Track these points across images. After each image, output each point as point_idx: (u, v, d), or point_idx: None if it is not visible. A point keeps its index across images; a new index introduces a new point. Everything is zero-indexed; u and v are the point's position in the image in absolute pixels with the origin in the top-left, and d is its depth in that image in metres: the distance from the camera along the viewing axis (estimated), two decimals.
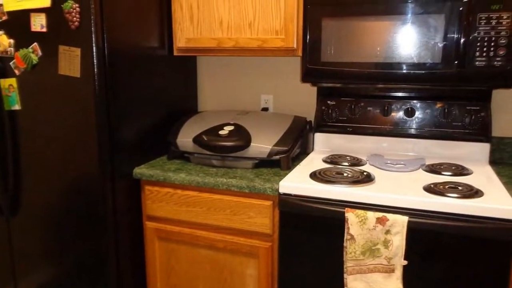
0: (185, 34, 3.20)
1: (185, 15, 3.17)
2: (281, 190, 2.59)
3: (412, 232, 2.29)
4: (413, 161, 2.96)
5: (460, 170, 2.77)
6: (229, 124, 3.09)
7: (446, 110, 3.02)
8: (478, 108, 2.97)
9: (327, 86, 3.28)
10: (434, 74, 2.61)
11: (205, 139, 2.95)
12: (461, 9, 2.51)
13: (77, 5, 2.58)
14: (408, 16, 2.60)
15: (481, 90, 2.99)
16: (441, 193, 2.34)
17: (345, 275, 2.43)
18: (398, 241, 2.28)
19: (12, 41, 2.84)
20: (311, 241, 2.56)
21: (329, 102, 3.28)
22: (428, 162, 2.97)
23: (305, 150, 3.34)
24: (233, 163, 2.98)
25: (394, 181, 2.58)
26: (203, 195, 2.83)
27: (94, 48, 2.62)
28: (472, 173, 2.76)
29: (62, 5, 2.62)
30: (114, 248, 2.90)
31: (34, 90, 2.84)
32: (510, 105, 3.07)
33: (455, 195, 2.31)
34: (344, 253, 2.41)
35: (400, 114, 3.13)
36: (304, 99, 3.54)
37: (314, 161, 3.04)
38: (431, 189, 2.42)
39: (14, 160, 3.02)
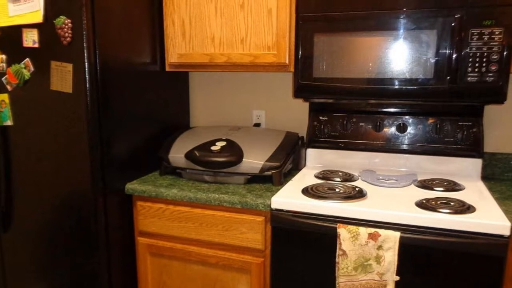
0: (177, 50, 3.20)
1: (177, 31, 3.18)
2: (273, 206, 2.59)
3: (404, 248, 2.29)
4: (405, 177, 2.96)
5: (452, 186, 2.78)
6: (221, 139, 3.09)
7: (438, 126, 3.02)
8: (470, 123, 2.98)
9: (319, 102, 3.29)
10: (426, 89, 2.62)
11: (197, 154, 2.95)
12: (453, 24, 2.52)
13: (69, 20, 2.58)
14: (400, 32, 2.61)
15: (473, 105, 3.00)
16: (433, 209, 2.34)
17: None
18: (390, 256, 2.28)
19: (4, 56, 2.84)
20: (303, 257, 2.55)
21: (321, 117, 3.29)
22: (420, 178, 2.97)
23: (297, 166, 3.34)
24: (225, 178, 2.98)
25: (386, 197, 2.58)
26: (195, 211, 2.82)
27: (86, 63, 2.62)
28: (464, 188, 2.76)
29: (54, 21, 2.62)
30: (106, 264, 2.89)
31: (26, 106, 2.84)
32: (502, 120, 3.08)
33: (447, 210, 2.31)
34: (336, 268, 2.41)
35: (392, 129, 3.13)
36: (296, 115, 3.55)
37: (306, 177, 3.04)
38: (423, 204, 2.42)
39: (6, 176, 3.01)
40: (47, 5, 2.65)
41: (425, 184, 2.81)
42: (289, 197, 2.59)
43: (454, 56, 2.54)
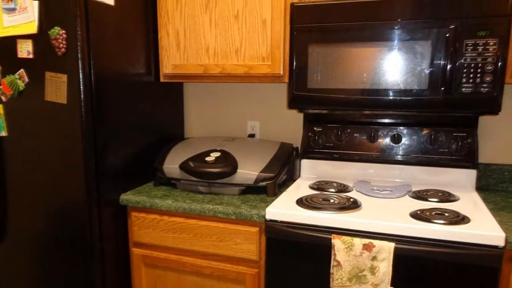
0: (172, 61, 3.20)
1: (172, 42, 3.18)
2: (268, 217, 2.58)
3: (399, 259, 2.29)
4: (399, 188, 2.96)
5: (447, 197, 2.78)
6: (215, 150, 3.09)
7: (432, 137, 3.02)
8: (464, 134, 2.98)
9: (314, 113, 3.29)
10: (421, 100, 2.62)
11: (192, 165, 2.95)
12: (447, 35, 2.52)
13: (63, 31, 2.58)
14: (395, 43, 2.61)
15: (468, 116, 3.00)
16: (428, 220, 2.34)
17: None
18: (385, 267, 2.28)
19: None
20: (298, 268, 2.55)
21: (315, 128, 3.29)
22: (414, 189, 2.97)
23: (291, 177, 3.34)
24: (220, 189, 2.98)
25: (381, 208, 2.58)
26: (189, 222, 2.82)
27: (80, 74, 2.62)
28: (458, 199, 2.76)
29: (48, 32, 2.62)
30: (101, 275, 2.89)
31: (20, 117, 2.83)
32: (496, 131, 3.08)
33: (442, 221, 2.31)
34: (331, 279, 2.40)
35: (387, 140, 3.13)
36: (290, 126, 3.55)
37: (300, 188, 3.04)
38: (417, 215, 2.42)
39: (1, 187, 3.00)
40: (41, 16, 2.65)
41: (420, 195, 2.81)
42: (284, 208, 2.58)
43: (448, 67, 2.54)
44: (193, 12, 3.10)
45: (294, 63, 2.83)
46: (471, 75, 2.52)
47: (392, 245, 2.27)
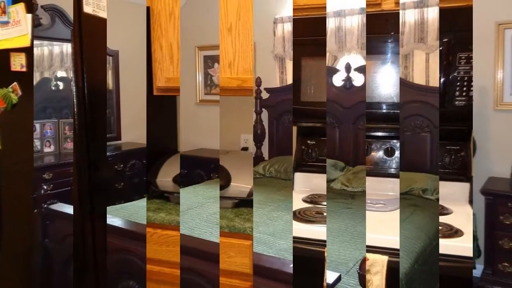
0: (165, 74, 3.20)
1: (165, 55, 3.18)
2: None
3: (392, 272, 2.29)
4: (393, 201, 2.96)
5: (440, 210, 2.78)
6: None
7: None
8: (458, 147, 2.98)
9: (307, 126, 3.29)
10: None
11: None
12: (441, 48, 2.53)
13: None
14: (388, 56, 2.62)
15: (461, 129, 3.00)
16: None
17: None
18: (378, 280, 2.27)
19: None
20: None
21: (308, 141, 3.29)
22: None
23: None
24: None
25: (374, 221, 2.58)
26: None
27: (73, 87, 2.61)
28: (452, 212, 2.76)
29: None
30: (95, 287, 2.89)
31: (14, 130, 2.83)
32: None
33: None
34: None
35: (380, 153, 3.13)
36: None
37: (294, 201, 3.03)
38: None
39: None
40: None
41: None
42: None
43: (442, 80, 2.55)
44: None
45: None
46: (464, 88, 2.53)
47: (385, 258, 2.27)
